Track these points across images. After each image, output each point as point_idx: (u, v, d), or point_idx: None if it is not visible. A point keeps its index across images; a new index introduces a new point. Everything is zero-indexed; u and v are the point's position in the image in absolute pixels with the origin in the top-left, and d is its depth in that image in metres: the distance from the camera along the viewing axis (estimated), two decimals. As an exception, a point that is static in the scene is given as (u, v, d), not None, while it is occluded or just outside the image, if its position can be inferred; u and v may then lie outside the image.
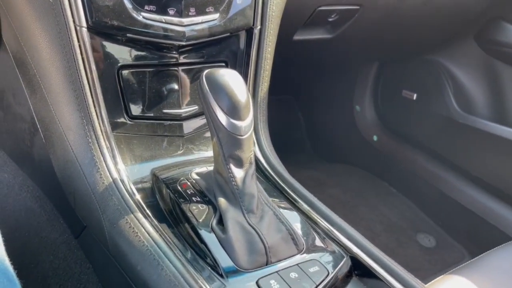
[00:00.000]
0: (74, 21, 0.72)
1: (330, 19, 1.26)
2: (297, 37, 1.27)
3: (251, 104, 0.71)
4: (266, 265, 0.68)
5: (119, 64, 0.80)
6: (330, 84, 2.24)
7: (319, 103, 2.30)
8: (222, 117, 0.68)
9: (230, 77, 0.69)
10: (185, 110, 0.89)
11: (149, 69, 0.84)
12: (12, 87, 0.94)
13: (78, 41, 0.74)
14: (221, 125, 0.69)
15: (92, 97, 0.77)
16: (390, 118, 2.11)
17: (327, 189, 2.01)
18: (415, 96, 1.92)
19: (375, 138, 2.07)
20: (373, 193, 2.02)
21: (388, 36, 1.54)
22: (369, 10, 1.25)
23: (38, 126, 0.87)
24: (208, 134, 0.93)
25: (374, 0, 1.22)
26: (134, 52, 0.82)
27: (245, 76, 0.94)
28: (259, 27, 0.91)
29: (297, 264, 0.68)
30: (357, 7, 1.23)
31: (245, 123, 0.69)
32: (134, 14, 0.75)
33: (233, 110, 0.68)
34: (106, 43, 0.78)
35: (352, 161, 2.21)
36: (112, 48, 0.79)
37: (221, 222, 0.71)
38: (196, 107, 0.90)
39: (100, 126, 0.78)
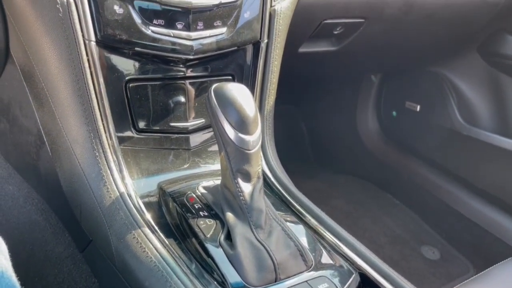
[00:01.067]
0: (83, 35, 0.73)
1: (335, 32, 1.26)
2: (302, 49, 1.27)
3: (259, 118, 0.71)
4: (275, 282, 0.67)
5: (126, 78, 0.80)
6: (333, 94, 2.24)
7: (322, 114, 2.31)
8: (230, 132, 0.68)
9: (238, 92, 0.69)
10: (192, 123, 0.89)
11: (156, 83, 0.84)
12: (19, 100, 0.94)
13: (87, 54, 0.74)
14: (229, 140, 0.68)
15: (99, 111, 0.77)
16: (393, 129, 2.11)
17: (330, 201, 2.00)
18: (418, 108, 1.93)
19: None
20: (377, 205, 2.01)
21: (392, 48, 1.55)
22: (374, 23, 1.26)
23: (45, 139, 0.87)
24: (214, 147, 0.93)
25: (379, 13, 1.23)
26: (142, 66, 0.82)
27: (251, 90, 0.94)
28: (266, 40, 0.92)
29: (306, 281, 0.68)
30: (362, 20, 1.23)
31: (253, 138, 0.69)
32: (143, 28, 0.76)
33: (242, 125, 0.68)
34: (114, 57, 0.78)
35: (355, 172, 2.20)
36: (120, 61, 0.79)
37: (229, 237, 0.70)
38: (203, 120, 0.90)
39: (107, 139, 0.78)
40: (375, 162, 2.14)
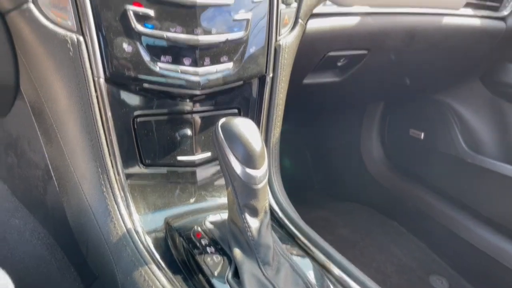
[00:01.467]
0: (92, 73, 0.74)
1: (339, 64, 1.28)
2: (306, 81, 1.29)
3: (266, 153, 0.71)
4: (284, 321, 0.66)
5: (134, 113, 0.81)
6: (337, 122, 2.26)
7: (326, 141, 2.31)
8: (237, 167, 0.69)
9: (245, 126, 0.70)
10: (198, 157, 0.89)
11: (163, 117, 0.85)
12: (27, 135, 0.95)
13: (96, 91, 0.75)
14: (236, 175, 0.69)
15: (107, 147, 0.77)
16: (397, 156, 2.11)
17: (336, 229, 1.98)
18: (422, 135, 1.93)
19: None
20: (383, 233, 1.99)
21: (395, 77, 1.56)
22: (376, 54, 1.28)
23: (52, 174, 0.87)
24: (221, 181, 0.93)
25: (382, 45, 1.25)
26: (149, 101, 0.83)
27: (257, 123, 0.95)
28: (271, 74, 0.93)
29: (315, 320, 0.67)
30: (365, 52, 1.25)
31: (260, 173, 0.69)
32: (151, 65, 0.77)
33: (248, 159, 0.68)
34: (122, 93, 0.80)
35: (360, 200, 2.19)
36: (128, 97, 0.80)
37: (236, 274, 0.69)
38: (210, 153, 0.91)
39: (115, 175, 0.78)
40: (380, 189, 2.14)
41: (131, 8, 0.73)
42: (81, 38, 0.72)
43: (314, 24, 1.08)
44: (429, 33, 1.27)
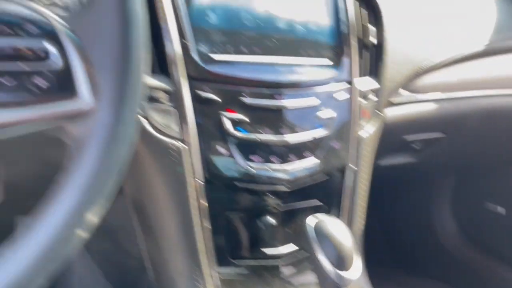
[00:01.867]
0: (193, 177, 0.80)
1: (414, 146, 1.28)
2: (382, 163, 1.29)
3: (359, 255, 0.72)
4: None
5: (227, 210, 0.86)
6: (406, 193, 2.20)
7: (395, 213, 2.25)
8: (329, 269, 0.70)
9: (335, 226, 0.72)
10: (283, 250, 0.91)
11: (251, 212, 0.89)
12: (126, 227, 1.02)
13: (194, 192, 0.81)
14: (328, 277, 0.69)
15: (204, 245, 0.81)
16: (474, 230, 2.00)
17: (410, 309, 1.88)
18: (500, 209, 1.83)
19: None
20: (464, 314, 1.86)
21: (471, 155, 1.53)
22: (454, 136, 1.27)
23: (148, 266, 0.92)
24: (305, 276, 0.94)
25: (460, 127, 1.24)
26: (241, 198, 0.87)
27: (341, 215, 0.96)
28: (354, 167, 0.95)
29: None
30: (442, 135, 1.25)
31: (354, 275, 0.70)
32: (244, 166, 0.82)
33: (340, 262, 0.70)
34: (216, 192, 0.84)
35: (435, 275, 2.07)
36: (221, 195, 0.85)
37: None
38: (294, 246, 0.92)
39: (209, 272, 0.82)
40: (456, 264, 2.01)
41: (225, 115, 0.80)
42: (183, 145, 0.79)
43: (391, 113, 1.10)
44: (509, 113, 1.25)
